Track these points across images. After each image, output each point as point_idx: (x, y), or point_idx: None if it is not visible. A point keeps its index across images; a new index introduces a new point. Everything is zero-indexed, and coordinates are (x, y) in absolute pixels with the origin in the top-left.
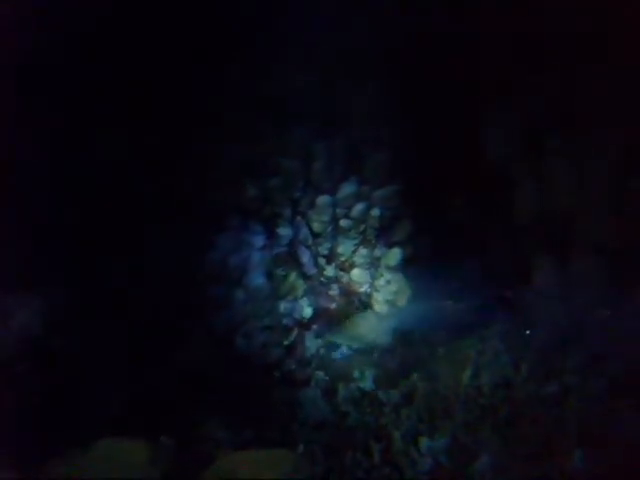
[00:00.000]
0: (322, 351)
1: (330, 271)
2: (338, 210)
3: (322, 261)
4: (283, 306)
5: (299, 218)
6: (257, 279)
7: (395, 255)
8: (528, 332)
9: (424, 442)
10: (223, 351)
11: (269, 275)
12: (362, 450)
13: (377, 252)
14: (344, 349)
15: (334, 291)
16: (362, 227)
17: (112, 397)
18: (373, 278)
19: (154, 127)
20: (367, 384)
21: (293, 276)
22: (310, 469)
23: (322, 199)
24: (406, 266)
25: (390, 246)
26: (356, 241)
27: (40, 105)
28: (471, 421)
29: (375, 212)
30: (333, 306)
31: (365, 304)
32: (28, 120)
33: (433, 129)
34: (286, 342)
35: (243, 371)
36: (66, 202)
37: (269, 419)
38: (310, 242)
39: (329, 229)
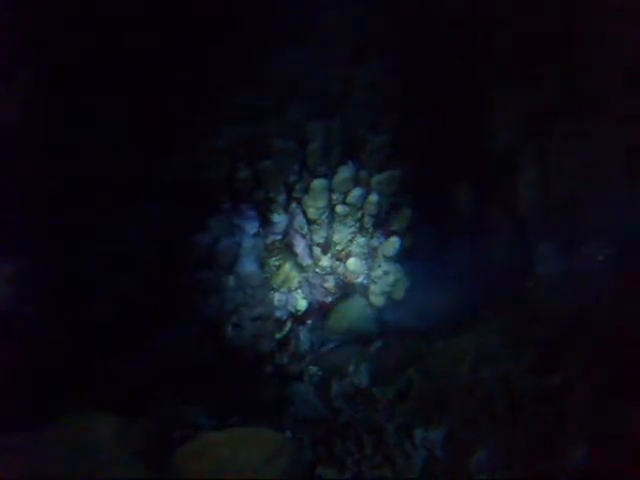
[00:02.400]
0: (316, 346)
1: (325, 261)
2: (334, 196)
3: (317, 250)
4: (277, 298)
5: (294, 204)
6: (249, 266)
7: (393, 245)
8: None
9: (418, 434)
10: (211, 339)
11: (262, 264)
12: (353, 441)
13: (374, 241)
14: (339, 343)
15: (330, 283)
16: (359, 214)
17: (88, 376)
18: (370, 269)
19: (145, 100)
20: (362, 379)
21: (287, 266)
22: (296, 451)
23: (318, 183)
24: (405, 257)
25: (388, 235)
26: (353, 229)
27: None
28: (469, 415)
29: (373, 198)
30: (329, 299)
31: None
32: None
33: (436, 112)
34: (278, 335)
35: (231, 361)
36: (48, 170)
37: (257, 411)
38: (305, 230)
39: (325, 216)
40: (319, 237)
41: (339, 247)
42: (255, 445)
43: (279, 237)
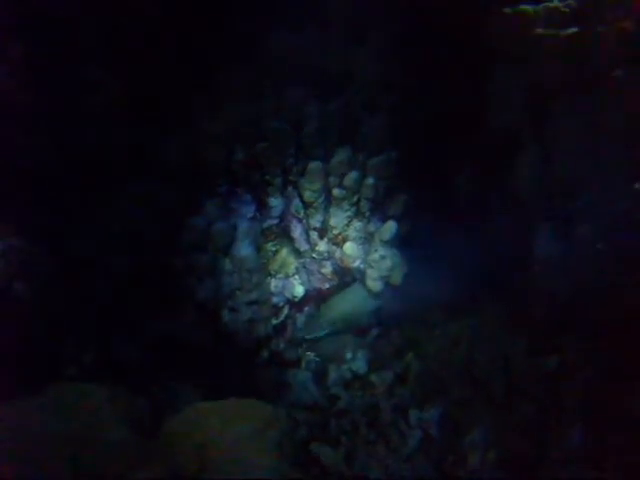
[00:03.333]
0: (313, 332)
1: (322, 246)
2: (331, 179)
3: (314, 234)
4: (274, 284)
5: (290, 188)
6: (245, 249)
7: (390, 229)
8: None
9: (414, 414)
10: (207, 322)
11: (258, 248)
12: (349, 422)
13: (371, 226)
14: (336, 330)
15: (327, 269)
16: (355, 197)
17: (82, 354)
18: (367, 253)
19: (143, 82)
20: (360, 366)
21: (285, 252)
22: (288, 424)
23: (314, 165)
24: (402, 241)
25: (385, 219)
26: (349, 213)
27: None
28: (465, 396)
29: (369, 181)
30: (326, 286)
31: (358, 281)
32: None
33: (434, 95)
34: (275, 321)
35: (228, 345)
36: (46, 147)
37: (253, 396)
38: (302, 214)
39: (321, 199)
40: (316, 221)
41: (336, 231)
42: (246, 416)
43: (276, 221)
